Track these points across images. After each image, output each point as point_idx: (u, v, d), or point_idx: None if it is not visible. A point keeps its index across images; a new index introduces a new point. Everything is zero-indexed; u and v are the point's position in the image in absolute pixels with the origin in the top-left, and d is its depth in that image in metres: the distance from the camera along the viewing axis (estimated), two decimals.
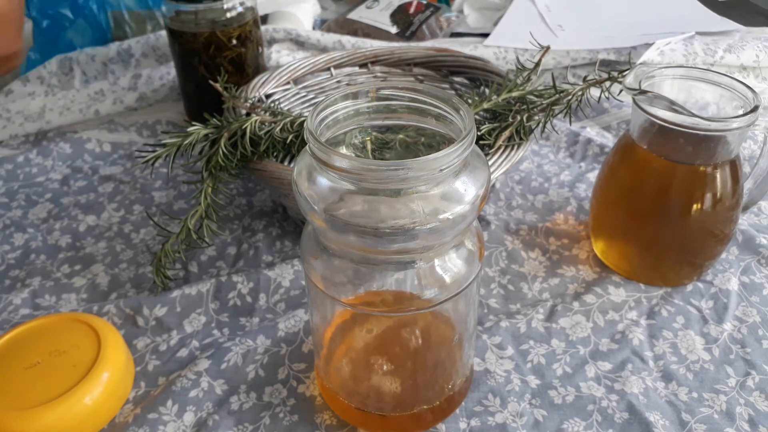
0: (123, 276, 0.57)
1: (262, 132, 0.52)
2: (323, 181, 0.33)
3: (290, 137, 0.52)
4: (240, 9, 0.66)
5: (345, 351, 0.43)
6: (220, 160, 0.52)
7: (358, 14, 0.98)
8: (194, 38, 0.66)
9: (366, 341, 0.42)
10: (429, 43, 0.88)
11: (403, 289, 0.37)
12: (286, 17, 0.95)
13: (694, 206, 0.49)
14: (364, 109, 0.36)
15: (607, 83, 0.55)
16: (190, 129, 0.54)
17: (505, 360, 0.48)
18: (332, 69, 0.70)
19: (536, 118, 0.55)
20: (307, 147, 0.33)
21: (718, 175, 0.48)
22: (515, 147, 0.54)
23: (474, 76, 0.69)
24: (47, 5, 0.85)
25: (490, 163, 0.52)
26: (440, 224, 0.32)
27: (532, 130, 0.55)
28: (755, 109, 0.45)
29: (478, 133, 0.53)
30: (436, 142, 0.37)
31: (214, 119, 0.55)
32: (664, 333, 0.49)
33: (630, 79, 0.48)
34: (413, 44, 0.84)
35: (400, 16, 0.97)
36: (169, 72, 0.82)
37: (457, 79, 0.71)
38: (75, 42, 0.87)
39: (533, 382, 0.46)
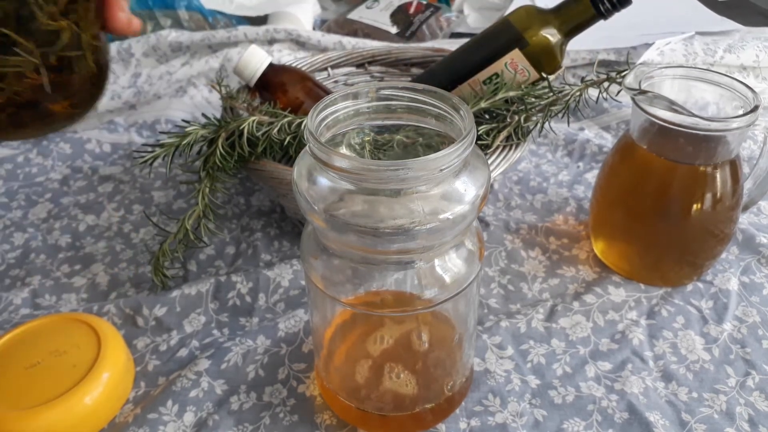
0: (123, 275, 0.57)
1: (260, 133, 0.52)
2: (323, 181, 0.33)
3: (288, 138, 0.52)
4: None
5: (345, 351, 0.43)
6: (217, 160, 0.52)
7: (358, 14, 0.98)
8: None
9: (366, 341, 0.42)
10: (428, 44, 0.88)
11: (403, 289, 0.37)
12: (286, 17, 0.95)
13: (695, 206, 0.49)
14: (364, 109, 0.36)
15: (606, 84, 0.55)
16: (188, 129, 0.54)
17: (505, 360, 0.48)
18: (329, 69, 0.70)
19: (534, 118, 0.55)
20: (307, 147, 0.33)
21: (718, 175, 0.48)
22: (513, 147, 0.54)
23: None
24: None
25: None
26: (440, 224, 0.32)
27: (529, 131, 0.55)
28: (755, 109, 0.45)
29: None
30: (435, 143, 0.37)
31: (213, 119, 0.55)
32: (664, 333, 0.49)
33: (630, 79, 0.48)
34: (411, 44, 0.84)
35: (400, 16, 0.97)
36: (169, 71, 0.82)
37: None
38: None
39: (533, 382, 0.46)
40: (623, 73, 0.53)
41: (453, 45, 0.85)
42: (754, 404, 0.44)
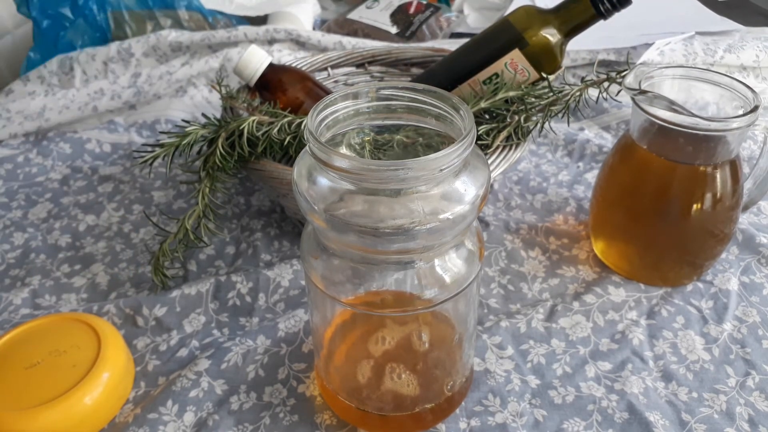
0: (123, 275, 0.57)
1: (260, 133, 0.52)
2: (323, 181, 0.33)
3: (288, 138, 0.52)
4: None
5: (345, 351, 0.43)
6: (217, 160, 0.52)
7: (358, 14, 0.98)
8: None
9: (366, 341, 0.42)
10: (428, 44, 0.88)
11: (403, 289, 0.37)
12: (286, 17, 0.95)
13: (694, 206, 0.49)
14: (364, 109, 0.36)
15: (606, 84, 0.55)
16: (189, 129, 0.54)
17: (505, 360, 0.48)
18: (329, 69, 0.70)
19: (534, 118, 0.55)
20: (307, 147, 0.33)
21: (718, 175, 0.48)
22: (513, 147, 0.54)
23: None
24: (47, 5, 0.85)
25: None
26: (440, 224, 0.32)
27: (529, 131, 0.55)
28: (755, 109, 0.45)
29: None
30: (435, 143, 0.37)
31: (213, 119, 0.55)
32: (664, 333, 0.49)
33: (630, 79, 0.48)
34: (411, 44, 0.84)
35: (400, 16, 0.97)
36: (169, 71, 0.82)
37: None
38: (75, 42, 0.87)
39: (533, 382, 0.46)
40: (623, 73, 0.53)
41: (453, 45, 0.86)
42: (754, 404, 0.44)
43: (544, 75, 0.55)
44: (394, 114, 0.36)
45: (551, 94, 0.54)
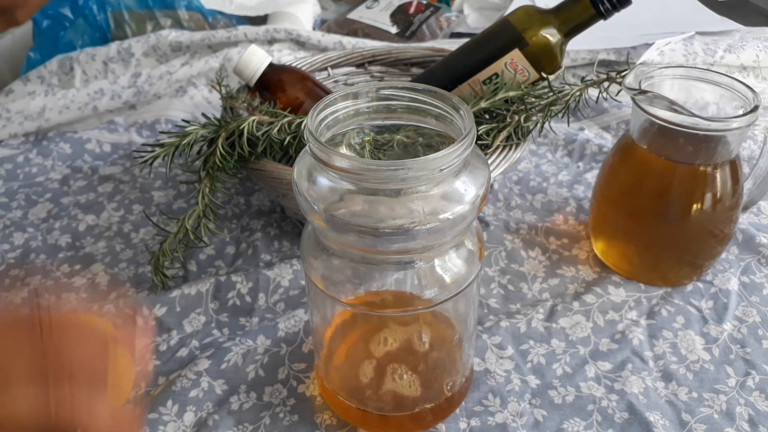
0: (123, 275, 0.57)
1: (260, 133, 0.52)
2: (323, 181, 0.33)
3: (288, 138, 0.52)
4: None
5: (345, 351, 0.43)
6: (217, 160, 0.52)
7: (358, 14, 0.98)
8: None
9: (366, 341, 0.42)
10: (428, 44, 0.88)
11: (403, 289, 0.37)
12: (286, 17, 0.95)
13: (694, 206, 0.49)
14: (364, 109, 0.36)
15: (606, 84, 0.55)
16: (189, 129, 0.54)
17: (505, 360, 0.48)
18: (329, 69, 0.70)
19: (534, 118, 0.55)
20: (307, 147, 0.33)
21: (718, 175, 0.48)
22: (513, 147, 0.54)
23: None
24: (47, 5, 0.85)
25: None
26: (440, 224, 0.32)
27: (529, 131, 0.55)
28: (755, 109, 0.45)
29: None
30: (435, 143, 0.37)
31: (213, 119, 0.55)
32: (664, 333, 0.49)
33: (630, 79, 0.48)
34: (411, 44, 0.84)
35: (400, 16, 0.97)
36: (169, 71, 0.82)
37: None
38: (75, 42, 0.87)
39: (533, 382, 0.46)
40: (623, 73, 0.53)
41: (453, 45, 0.85)
42: (754, 404, 0.44)
43: (544, 75, 0.55)
44: (394, 114, 0.36)
45: (551, 94, 0.54)
